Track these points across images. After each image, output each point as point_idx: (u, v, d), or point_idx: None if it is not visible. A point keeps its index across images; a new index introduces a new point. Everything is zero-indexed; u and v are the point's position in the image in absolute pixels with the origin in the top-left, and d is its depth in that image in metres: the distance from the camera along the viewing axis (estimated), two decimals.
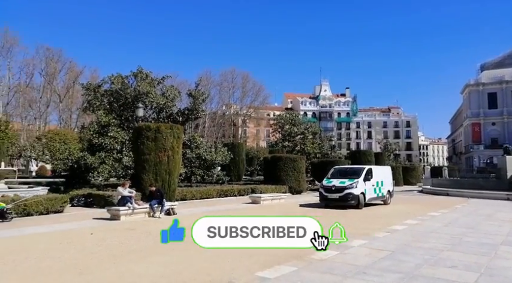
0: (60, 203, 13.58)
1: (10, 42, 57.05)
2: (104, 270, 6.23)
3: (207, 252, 6.71)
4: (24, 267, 6.34)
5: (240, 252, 6.86)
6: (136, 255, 7.30)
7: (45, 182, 24.81)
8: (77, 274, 5.89)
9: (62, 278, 5.72)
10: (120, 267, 6.41)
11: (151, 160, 16.45)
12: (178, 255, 7.14)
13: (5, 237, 9.18)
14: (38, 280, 5.65)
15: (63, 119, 63.06)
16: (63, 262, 6.67)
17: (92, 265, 6.50)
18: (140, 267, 6.41)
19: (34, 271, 6.10)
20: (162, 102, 23.33)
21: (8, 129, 35.25)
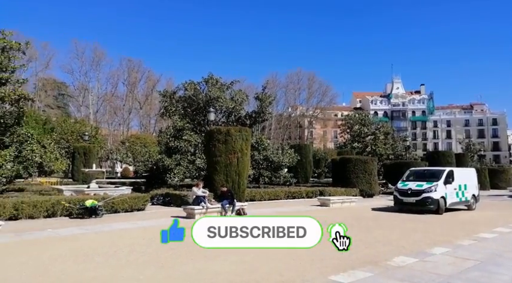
0: (142, 202, 14.77)
1: (99, 56, 63.85)
2: (183, 265, 6.64)
3: (278, 252, 6.78)
4: (116, 259, 7.03)
5: (311, 255, 6.81)
6: (211, 253, 7.63)
7: (129, 182, 27.20)
8: (159, 267, 6.36)
9: (147, 270, 6.23)
10: (197, 263, 6.77)
11: (222, 162, 17.12)
12: (250, 255, 7.30)
13: (98, 231, 10.27)
14: (127, 271, 6.21)
15: (143, 124, 68.58)
16: (147, 256, 7.26)
17: (171, 260, 6.96)
18: (215, 264, 6.70)
19: (124, 263, 6.73)
20: (231, 106, 24.16)
21: (98, 134, 39.43)
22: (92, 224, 11.36)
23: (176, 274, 6.06)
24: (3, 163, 15.09)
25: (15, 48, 15.99)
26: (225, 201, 13.51)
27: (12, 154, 15.87)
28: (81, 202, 12.62)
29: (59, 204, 12.47)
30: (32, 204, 11.87)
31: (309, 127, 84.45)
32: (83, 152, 29.92)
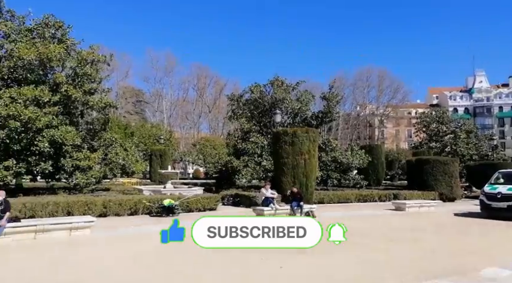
0: (214, 202, 15.35)
1: (171, 64, 68.26)
2: (260, 265, 6.71)
3: (358, 257, 6.52)
4: (200, 256, 7.37)
5: (389, 261, 6.44)
6: (284, 255, 7.62)
7: (200, 183, 28.46)
8: (240, 268, 6.51)
9: (229, 269, 6.42)
10: (272, 264, 6.81)
11: (289, 163, 17.07)
12: (325, 257, 7.14)
13: None
14: (212, 268, 6.47)
15: (212, 127, 71.52)
16: (226, 255, 7.48)
17: (249, 259, 7.07)
18: (291, 266, 6.66)
19: (206, 261, 7.03)
20: (297, 107, 24.03)
21: (172, 137, 42.04)
22: (170, 222, 12.06)
23: (254, 274, 6.14)
24: (93, 165, 16.80)
25: (101, 61, 17.76)
26: (295, 203, 13.43)
27: (100, 157, 17.61)
28: (160, 201, 13.51)
29: (140, 202, 13.50)
30: (118, 202, 13.03)
31: (379, 126, 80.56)
32: (159, 154, 32.13)
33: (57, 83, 16.24)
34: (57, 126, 15.46)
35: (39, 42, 16.02)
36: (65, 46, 16.82)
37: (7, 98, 14.20)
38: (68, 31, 17.46)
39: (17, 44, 15.29)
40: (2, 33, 16.24)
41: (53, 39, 17.07)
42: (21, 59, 14.88)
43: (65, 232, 9.46)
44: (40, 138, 14.73)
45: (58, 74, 16.25)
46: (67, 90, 16.07)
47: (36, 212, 11.45)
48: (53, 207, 11.78)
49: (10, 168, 14.27)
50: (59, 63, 16.45)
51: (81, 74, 17.07)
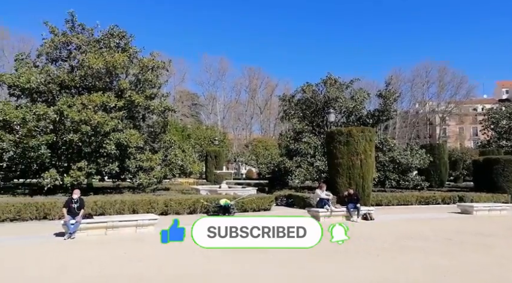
0: (268, 202, 15.48)
1: (224, 67, 70.11)
2: (315, 267, 6.66)
3: (414, 264, 6.21)
4: (255, 254, 7.51)
5: (453, 267, 6.04)
6: (341, 256, 7.49)
7: (253, 183, 28.88)
8: (295, 269, 6.52)
9: (277, 272, 6.46)
10: (328, 266, 6.71)
11: (344, 164, 16.67)
12: (383, 260, 6.90)
13: None
14: (263, 267, 6.56)
15: (264, 128, 72.13)
16: (281, 255, 7.53)
17: (303, 261, 7.06)
18: (349, 269, 6.53)
19: (261, 259, 7.14)
20: (351, 105, 23.40)
21: (225, 139, 43.10)
22: None
23: (309, 278, 6.11)
24: (155, 166, 17.79)
25: (161, 67, 18.77)
26: (351, 204, 13.11)
27: (160, 158, 18.59)
28: (216, 201, 13.93)
29: (198, 202, 14.03)
30: (178, 201, 13.68)
31: (441, 124, 75.58)
32: (214, 155, 33.12)
33: (122, 89, 17.46)
34: (122, 130, 16.59)
35: (106, 52, 17.34)
36: (128, 54, 18.03)
37: (79, 104, 15.53)
38: (130, 40, 18.70)
39: (87, 55, 16.67)
40: (75, 45, 17.83)
41: (117, 48, 18.37)
42: (91, 68, 16.20)
43: (131, 229, 10.14)
44: (107, 141, 15.92)
45: (122, 81, 17.47)
46: (130, 95, 17.21)
47: (105, 210, 12.42)
48: (120, 205, 12.69)
49: (82, 169, 15.60)
50: (123, 71, 17.67)
51: (142, 80, 18.19)
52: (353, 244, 8.84)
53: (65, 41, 17.68)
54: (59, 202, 11.99)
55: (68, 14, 18.14)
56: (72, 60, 18.16)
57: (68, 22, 18.14)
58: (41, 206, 11.85)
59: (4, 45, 49.89)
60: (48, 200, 12.37)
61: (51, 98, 16.90)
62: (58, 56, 18.24)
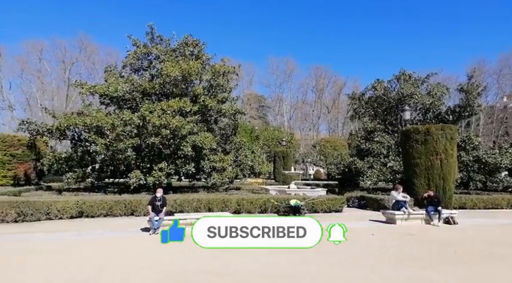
0: (339, 203, 15.20)
1: (290, 68, 70.24)
2: (393, 271, 6.42)
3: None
4: (324, 255, 7.49)
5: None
6: (424, 262, 7.10)
7: (322, 184, 28.46)
8: (369, 272, 6.36)
9: (357, 272, 6.36)
10: (408, 271, 6.42)
11: (422, 164, 15.68)
12: (471, 268, 6.39)
13: None
14: (335, 269, 6.52)
15: (331, 127, 70.62)
16: (357, 256, 7.39)
17: (380, 264, 6.85)
18: (432, 274, 6.19)
19: (329, 259, 7.09)
20: (428, 101, 21.91)
21: (293, 139, 43.12)
22: None
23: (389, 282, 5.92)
24: (227, 167, 18.53)
25: (231, 72, 19.51)
26: (431, 207, 12.30)
27: (231, 159, 19.31)
28: (286, 201, 14.06)
29: (268, 202, 14.30)
30: (249, 201, 14.10)
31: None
32: (281, 156, 33.36)
33: (196, 95, 18.50)
34: (197, 133, 17.58)
35: (181, 60, 18.53)
36: (201, 61, 19.05)
37: (159, 110, 16.82)
38: (203, 47, 19.74)
39: (165, 64, 17.99)
40: (154, 55, 19.37)
41: (192, 56, 19.51)
42: (169, 76, 17.45)
43: None
44: (184, 143, 16.98)
45: (197, 87, 18.52)
46: (204, 100, 18.17)
47: (184, 207, 13.28)
48: (197, 203, 13.47)
49: (163, 170, 16.85)
50: (197, 77, 18.72)
51: (215, 85, 19.09)
52: (436, 249, 8.33)
53: (145, 52, 19.30)
54: (143, 200, 13.13)
55: (148, 27, 19.79)
56: (152, 69, 19.74)
57: (147, 34, 19.78)
58: (129, 203, 13.09)
59: (95, 59, 55.96)
60: (134, 198, 13.62)
61: (134, 104, 18.55)
62: (140, 66, 19.97)
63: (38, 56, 54.05)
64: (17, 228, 10.71)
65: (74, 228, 10.69)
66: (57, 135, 17.71)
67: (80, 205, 12.43)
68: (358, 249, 8.33)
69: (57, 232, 10.05)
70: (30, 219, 11.62)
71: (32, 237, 9.31)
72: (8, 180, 19.59)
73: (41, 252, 7.70)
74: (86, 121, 16.20)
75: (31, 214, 11.61)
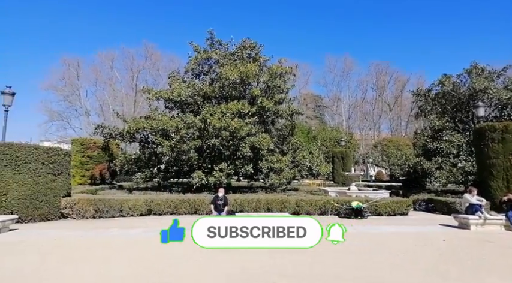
0: (405, 206, 14.41)
1: (348, 66, 68.28)
2: (473, 280, 5.93)
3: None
4: (385, 259, 7.14)
5: None
6: (508, 272, 6.46)
7: (384, 186, 27.19)
8: (442, 280, 5.94)
9: (428, 278, 5.97)
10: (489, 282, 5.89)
11: (500, 165, 14.31)
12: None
13: (366, 232, 10.80)
14: (394, 274, 6.18)
15: (393, 126, 67.23)
16: (428, 262, 6.96)
17: (455, 272, 6.36)
18: None
19: (384, 266, 6.74)
20: (505, 96, 19.95)
21: (352, 139, 41.81)
22: (360, 224, 12.08)
23: None
24: (284, 168, 18.54)
25: (288, 72, 19.52)
26: (511, 213, 11.15)
27: (289, 160, 19.28)
28: (347, 203, 13.68)
29: (328, 203, 14.02)
30: (308, 202, 13.95)
31: None
32: (340, 157, 32.53)
33: (254, 96, 18.79)
34: (255, 134, 17.84)
35: (239, 63, 18.95)
36: (259, 63, 19.32)
37: (219, 112, 17.37)
38: (260, 50, 20.01)
39: (224, 67, 18.53)
40: (214, 60, 20.05)
41: (249, 58, 19.87)
42: (227, 79, 17.94)
43: None
44: (243, 144, 17.33)
45: (254, 89, 18.81)
46: (262, 102, 18.39)
47: (244, 207, 13.54)
48: (256, 203, 13.66)
49: (223, 170, 17.35)
50: (255, 79, 19.00)
51: (272, 86, 19.23)
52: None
53: (205, 57, 20.05)
54: (206, 200, 13.63)
55: (208, 32, 20.55)
56: (211, 73, 20.45)
57: (207, 40, 20.53)
58: (192, 202, 13.67)
59: (159, 66, 59.50)
60: (197, 197, 14.19)
61: (196, 108, 19.35)
62: (201, 70, 20.79)
63: (110, 65, 58.85)
64: (95, 223, 11.73)
65: (144, 225, 11.43)
66: (127, 138, 19.12)
67: (149, 203, 13.27)
68: (428, 254, 7.82)
69: (128, 228, 10.82)
70: (105, 216, 12.66)
71: (107, 233, 10.13)
72: (86, 179, 21.55)
73: (115, 248, 8.34)
74: (152, 124, 17.26)
75: (106, 211, 12.65)
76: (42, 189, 11.53)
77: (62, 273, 6.11)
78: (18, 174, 11.10)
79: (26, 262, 6.83)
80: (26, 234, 9.61)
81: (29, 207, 11.21)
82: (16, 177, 11.05)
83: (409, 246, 8.69)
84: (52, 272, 6.14)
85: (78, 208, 12.31)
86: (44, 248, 8.03)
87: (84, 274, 6.05)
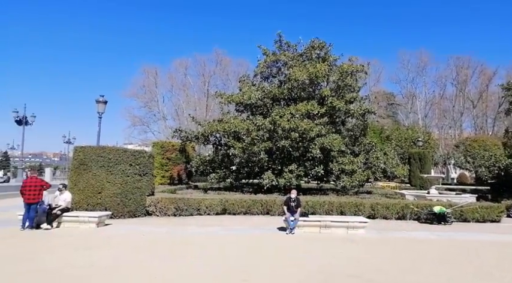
0: (496, 212, 13.03)
1: (424, 61, 63.65)
2: None
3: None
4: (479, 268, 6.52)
5: None
6: None
7: (469, 189, 24.81)
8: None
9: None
10: None
11: None
12: None
13: (450, 238, 9.98)
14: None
15: (477, 124, 60.97)
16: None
17: None
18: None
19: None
20: None
21: (430, 139, 38.93)
22: (443, 231, 11.21)
23: None
24: (356, 169, 17.93)
25: (359, 70, 18.88)
26: None
27: (361, 161, 18.59)
28: (429, 207, 12.78)
29: (407, 207, 13.23)
30: (385, 205, 13.32)
31: None
32: (417, 158, 30.43)
33: (323, 97, 18.51)
34: (325, 135, 17.55)
35: (308, 63, 18.83)
36: (328, 63, 18.99)
37: (288, 114, 17.43)
38: (329, 49, 19.66)
39: (292, 69, 18.56)
40: (282, 62, 20.18)
41: (318, 58, 19.63)
42: (296, 80, 17.93)
43: (342, 229, 10.56)
44: (312, 145, 17.16)
45: (324, 89, 18.54)
46: (332, 102, 18.05)
47: (315, 209, 13.39)
48: (328, 206, 13.42)
49: (293, 172, 17.37)
50: (324, 79, 18.72)
51: (342, 86, 18.77)
52: None
53: (274, 59, 20.28)
54: (277, 201, 13.78)
55: (276, 35, 20.75)
56: (280, 75, 20.62)
57: (276, 42, 20.75)
58: (264, 203, 13.91)
59: (228, 71, 61.68)
60: (269, 198, 14.40)
61: (265, 110, 19.66)
62: (269, 73, 21.07)
63: (184, 72, 62.47)
64: (176, 221, 12.56)
65: (220, 224, 11.94)
66: (202, 140, 20.13)
67: (223, 203, 13.81)
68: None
69: (207, 226, 11.38)
70: (184, 214, 13.48)
71: (188, 230, 10.78)
72: (166, 179, 23.14)
73: (196, 243, 8.85)
74: (225, 127, 17.94)
75: (186, 210, 13.46)
76: (131, 188, 12.67)
77: (148, 266, 6.67)
78: (111, 174, 12.34)
79: (122, 254, 7.59)
80: (119, 229, 10.66)
81: (119, 204, 12.40)
82: (109, 177, 12.30)
83: (501, 254, 7.85)
84: (143, 264, 6.74)
85: (161, 206, 13.29)
86: (135, 243, 8.85)
87: (169, 266, 6.53)
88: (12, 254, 7.34)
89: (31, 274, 5.90)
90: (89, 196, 11.99)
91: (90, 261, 6.87)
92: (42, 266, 6.44)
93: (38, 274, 5.94)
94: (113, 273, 6.15)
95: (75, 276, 5.88)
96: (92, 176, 12.13)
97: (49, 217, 10.38)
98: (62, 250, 7.86)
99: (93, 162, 12.21)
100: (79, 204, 11.80)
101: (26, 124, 30.33)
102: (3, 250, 7.68)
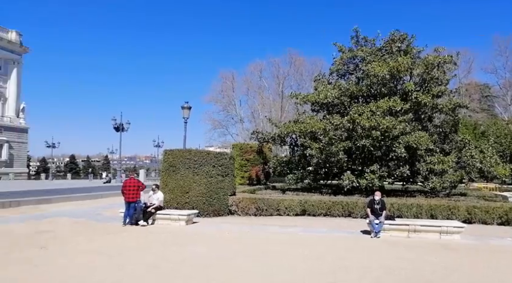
0: None
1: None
2: None
3: None
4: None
5: None
6: None
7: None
8: None
9: None
10: None
11: None
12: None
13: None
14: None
15: None
16: None
17: None
18: None
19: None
20: None
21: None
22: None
23: None
24: (447, 169, 16.40)
25: (447, 62, 17.25)
26: None
27: (453, 160, 16.94)
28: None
29: (511, 212, 11.71)
30: (484, 209, 11.97)
31: None
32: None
33: (406, 92, 17.30)
34: (410, 132, 16.38)
35: (389, 58, 17.78)
36: (411, 56, 17.72)
37: (368, 111, 16.64)
38: (411, 41, 18.34)
39: (371, 64, 17.69)
40: (359, 58, 19.39)
41: (399, 52, 18.42)
42: (376, 76, 17.04)
43: (435, 234, 9.74)
44: (396, 144, 16.13)
45: (407, 83, 17.31)
46: (416, 96, 16.78)
47: (402, 212, 12.56)
48: (416, 209, 12.51)
49: (375, 172, 16.53)
50: (407, 73, 17.49)
51: (428, 79, 17.36)
52: None
53: (351, 56, 19.59)
54: (359, 202, 13.26)
55: (353, 30, 20.01)
56: (357, 72, 19.83)
57: (352, 38, 20.02)
58: (346, 205, 13.49)
59: (302, 71, 61.45)
60: (350, 200, 13.92)
61: (343, 109, 19.07)
62: (346, 70, 20.41)
63: (259, 75, 63.83)
64: (257, 220, 12.86)
65: (300, 224, 11.91)
66: (278, 142, 20.30)
67: (303, 204, 13.74)
68: None
69: (287, 227, 11.44)
70: (264, 214, 13.73)
71: (269, 229, 10.95)
72: (245, 180, 23.85)
73: (282, 243, 8.95)
74: (301, 128, 17.82)
75: (265, 210, 13.71)
76: (214, 188, 13.34)
77: (235, 263, 6.92)
78: (196, 175, 13.14)
79: (211, 250, 8.03)
80: (205, 227, 11.29)
81: (205, 203, 13.13)
82: (195, 177, 13.11)
83: None
84: (231, 262, 7.04)
85: (242, 206, 13.74)
86: (221, 240, 9.30)
87: (254, 263, 6.71)
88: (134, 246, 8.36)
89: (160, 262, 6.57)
90: (178, 196, 12.92)
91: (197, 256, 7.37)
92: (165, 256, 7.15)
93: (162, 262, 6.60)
94: (205, 268, 6.52)
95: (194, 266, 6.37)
96: (180, 177, 13.05)
97: (145, 214, 11.44)
98: (158, 245, 8.61)
99: (181, 164, 13.13)
100: (169, 203, 12.78)
101: (122, 130, 33.90)
102: (126, 243, 8.79)
